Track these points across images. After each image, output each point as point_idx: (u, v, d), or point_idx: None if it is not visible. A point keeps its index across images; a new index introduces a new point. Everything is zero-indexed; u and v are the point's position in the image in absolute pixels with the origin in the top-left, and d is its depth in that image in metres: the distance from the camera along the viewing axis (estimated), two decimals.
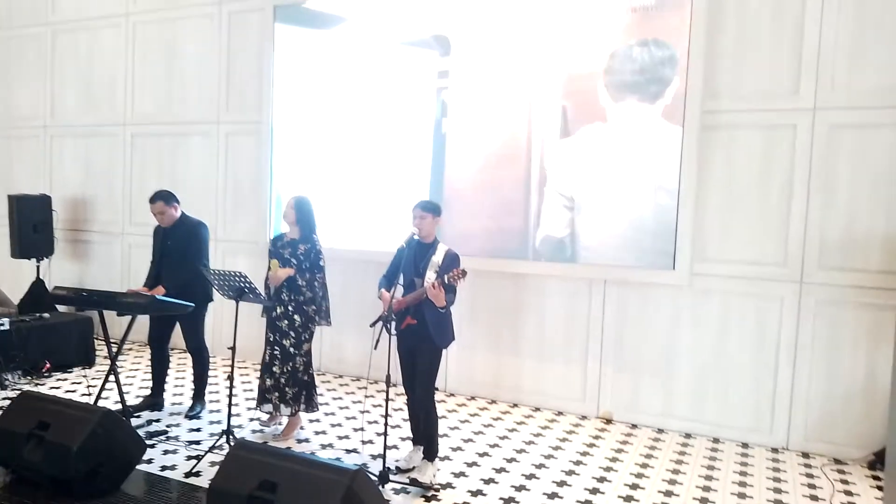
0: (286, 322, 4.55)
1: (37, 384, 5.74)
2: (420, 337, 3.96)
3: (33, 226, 7.23)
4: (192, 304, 4.69)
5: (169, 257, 5.00)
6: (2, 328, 5.65)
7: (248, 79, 6.67)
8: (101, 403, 4.87)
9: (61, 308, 6.82)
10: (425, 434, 4.04)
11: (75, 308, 6.31)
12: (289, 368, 4.55)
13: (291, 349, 4.55)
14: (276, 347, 4.58)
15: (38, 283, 7.36)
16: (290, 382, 4.55)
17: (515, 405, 5.58)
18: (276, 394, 4.58)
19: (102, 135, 7.55)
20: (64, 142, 7.84)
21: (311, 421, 4.96)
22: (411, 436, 4.29)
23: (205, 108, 6.92)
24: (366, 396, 5.56)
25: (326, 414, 5.18)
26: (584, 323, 5.36)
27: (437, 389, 5.81)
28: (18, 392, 4.15)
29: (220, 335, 6.57)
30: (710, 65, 4.86)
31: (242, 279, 4.20)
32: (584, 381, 5.38)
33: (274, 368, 4.58)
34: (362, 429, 4.82)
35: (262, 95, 6.50)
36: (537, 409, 5.49)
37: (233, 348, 4.28)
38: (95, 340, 6.52)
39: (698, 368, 5.01)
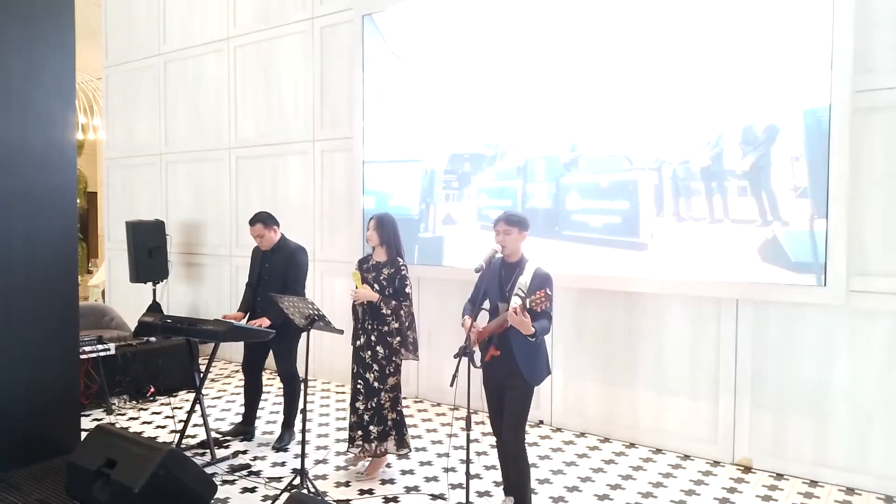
0: (369, 353, 4.17)
1: (140, 409, 5.78)
2: (507, 371, 3.42)
3: (149, 251, 7.44)
4: (272, 332, 4.52)
5: (268, 284, 4.83)
6: (108, 353, 5.72)
7: (340, 92, 6.46)
8: (192, 432, 4.79)
9: None
10: (516, 485, 3.47)
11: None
12: (373, 405, 4.16)
13: (375, 384, 4.16)
14: (359, 381, 4.22)
15: (154, 306, 7.56)
16: (374, 419, 4.16)
17: (632, 445, 4.85)
18: (360, 431, 4.20)
19: (210, 159, 7.66)
20: (177, 168, 8.04)
21: (398, 458, 4.52)
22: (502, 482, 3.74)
23: (301, 126, 6.80)
24: (448, 435, 4.94)
25: (417, 450, 4.72)
26: (713, 349, 4.56)
27: (541, 423, 5.31)
28: (95, 423, 4.03)
29: (324, 358, 6.36)
30: (863, 30, 3.96)
31: (312, 307, 3.90)
32: (714, 420, 4.56)
33: (357, 404, 4.21)
34: (454, 469, 4.33)
35: (352, 108, 6.24)
36: (658, 451, 4.73)
37: (305, 380, 3.95)
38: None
39: (860, 407, 4.07)
